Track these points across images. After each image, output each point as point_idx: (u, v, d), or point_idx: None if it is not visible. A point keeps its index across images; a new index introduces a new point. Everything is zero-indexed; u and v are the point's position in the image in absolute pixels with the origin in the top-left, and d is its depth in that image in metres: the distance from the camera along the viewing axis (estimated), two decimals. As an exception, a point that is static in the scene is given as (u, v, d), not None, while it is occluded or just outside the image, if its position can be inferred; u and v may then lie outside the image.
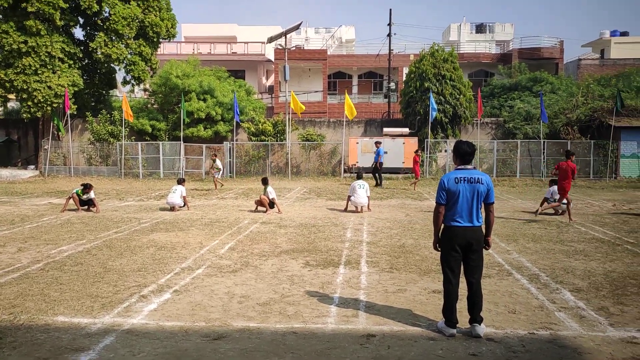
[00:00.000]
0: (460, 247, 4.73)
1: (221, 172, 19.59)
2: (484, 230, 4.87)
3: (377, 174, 20.30)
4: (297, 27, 29.01)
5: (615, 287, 6.20)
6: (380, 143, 20.92)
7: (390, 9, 33.53)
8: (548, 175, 22.10)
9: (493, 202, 4.81)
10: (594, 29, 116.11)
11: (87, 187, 12.84)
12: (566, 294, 5.91)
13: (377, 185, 20.02)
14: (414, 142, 24.42)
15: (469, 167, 4.81)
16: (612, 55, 41.36)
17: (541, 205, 12.76)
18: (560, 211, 12.44)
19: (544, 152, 23.97)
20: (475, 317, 4.71)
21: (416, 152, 19.91)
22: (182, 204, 13.19)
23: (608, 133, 22.87)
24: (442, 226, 4.86)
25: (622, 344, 4.48)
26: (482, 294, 4.79)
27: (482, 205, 4.79)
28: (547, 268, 7.13)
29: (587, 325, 4.92)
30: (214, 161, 18.93)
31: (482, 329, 4.69)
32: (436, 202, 4.86)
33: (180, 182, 13.58)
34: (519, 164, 24.37)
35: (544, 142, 23.87)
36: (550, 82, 28.91)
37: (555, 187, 12.42)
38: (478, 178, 4.73)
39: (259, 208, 12.90)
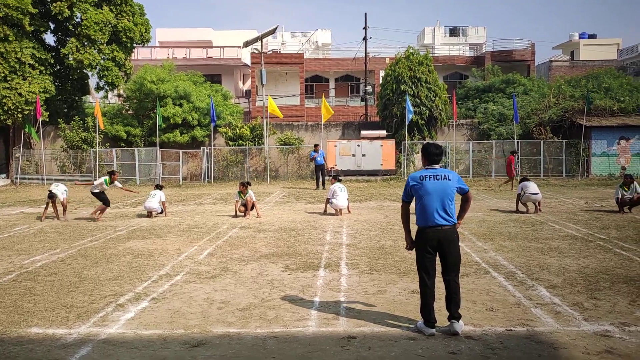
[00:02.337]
0: (432, 248, 4.78)
1: None
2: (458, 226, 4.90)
3: (320, 176, 20.68)
4: (273, 32, 29.00)
5: (589, 283, 6.35)
6: (318, 145, 21.46)
7: (365, 13, 33.89)
8: (521, 174, 22.52)
9: (468, 190, 4.89)
10: (563, 32, 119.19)
11: (52, 197, 12.49)
12: (542, 291, 6.03)
13: (317, 187, 20.54)
14: (391, 144, 24.64)
15: (435, 166, 4.87)
16: (581, 56, 42.56)
17: (517, 202, 13.02)
18: (532, 208, 12.69)
19: (518, 152, 24.42)
20: (454, 314, 4.76)
21: (512, 153, 20.26)
22: (160, 209, 13.02)
23: (579, 132, 23.45)
24: (417, 228, 4.90)
25: (596, 338, 4.59)
26: (459, 291, 4.84)
27: (454, 200, 4.80)
28: (523, 265, 7.27)
29: (562, 321, 5.02)
30: None
31: (460, 325, 4.74)
32: (402, 200, 4.97)
33: (159, 187, 13.42)
34: (494, 164, 24.80)
35: (517, 142, 24.34)
36: (523, 84, 29.54)
37: (525, 183, 12.72)
38: (445, 175, 4.77)
39: (239, 213, 12.80)
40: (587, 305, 5.46)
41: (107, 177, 12.83)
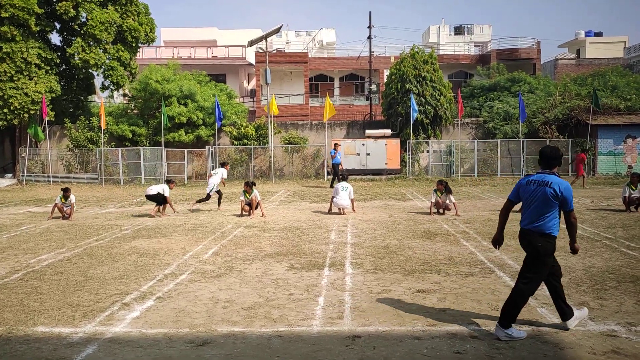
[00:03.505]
0: (524, 249, 4.76)
1: None
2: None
3: (336, 175, 20.71)
4: (277, 31, 28.98)
5: (595, 282, 6.31)
6: (338, 145, 21.45)
7: (370, 12, 33.73)
8: (526, 173, 22.45)
9: (570, 210, 4.62)
10: (569, 30, 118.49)
11: (67, 191, 12.73)
12: (548, 290, 5.98)
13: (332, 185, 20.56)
14: (396, 143, 24.61)
15: (547, 171, 4.72)
16: (587, 55, 42.30)
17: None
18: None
19: (523, 151, 24.34)
20: (502, 318, 4.62)
21: (584, 151, 20.32)
22: (154, 193, 12.92)
23: (585, 131, 23.33)
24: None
25: (602, 338, 4.56)
26: (513, 297, 4.63)
27: (555, 210, 4.63)
28: (529, 265, 7.22)
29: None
30: None
31: (499, 329, 4.56)
32: (507, 198, 4.98)
33: (168, 182, 13.53)
34: (500, 163, 24.71)
35: (523, 141, 24.25)
36: (528, 82, 29.41)
37: None
38: (548, 181, 4.61)
39: (244, 212, 12.82)
40: (593, 305, 5.43)
41: (166, 185, 13.19)
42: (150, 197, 13.05)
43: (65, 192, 12.71)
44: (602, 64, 34.28)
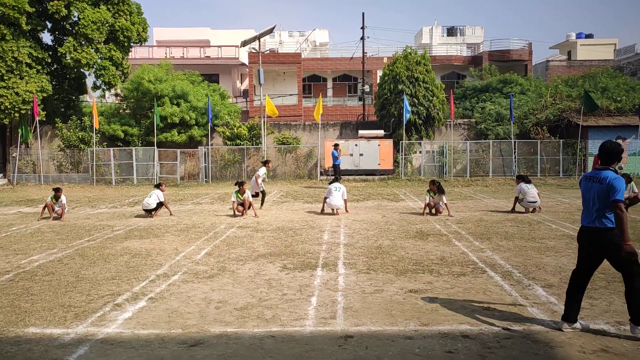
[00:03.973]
0: (585, 248, 4.72)
1: None
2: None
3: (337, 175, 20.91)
4: (270, 31, 28.95)
5: (585, 282, 6.36)
6: (338, 145, 21.41)
7: (363, 13, 33.88)
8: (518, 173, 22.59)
9: (615, 200, 4.42)
10: (560, 32, 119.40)
11: (58, 191, 12.70)
12: (538, 290, 6.05)
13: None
14: (388, 143, 24.67)
15: (604, 167, 4.67)
16: (578, 56, 42.64)
17: (514, 204, 13.01)
18: (531, 209, 12.72)
19: (515, 152, 24.49)
20: (630, 315, 4.55)
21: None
22: (155, 206, 12.88)
23: (576, 132, 23.52)
24: None
25: (592, 337, 4.61)
26: (632, 291, 4.48)
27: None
28: (520, 265, 7.29)
29: (559, 320, 5.03)
30: None
31: (634, 328, 4.51)
32: None
33: (158, 186, 13.42)
34: (491, 163, 24.85)
35: (514, 142, 24.40)
36: (520, 84, 29.60)
37: (523, 187, 12.68)
38: (601, 178, 4.57)
39: (237, 213, 12.80)
40: (583, 304, 5.46)
41: (158, 191, 13.13)
42: (151, 210, 12.87)
43: (57, 192, 12.69)
44: (592, 66, 34.58)
